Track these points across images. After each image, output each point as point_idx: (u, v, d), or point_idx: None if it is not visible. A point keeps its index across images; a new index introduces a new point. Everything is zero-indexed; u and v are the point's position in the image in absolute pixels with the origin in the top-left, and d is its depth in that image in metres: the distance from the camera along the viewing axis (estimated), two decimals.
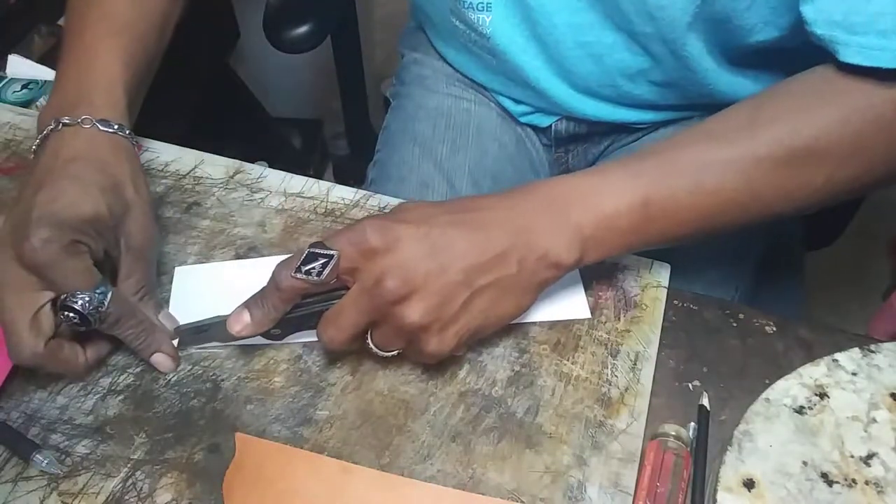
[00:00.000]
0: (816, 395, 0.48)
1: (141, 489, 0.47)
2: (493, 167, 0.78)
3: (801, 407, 0.47)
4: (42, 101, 1.12)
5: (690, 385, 0.53)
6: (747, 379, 0.52)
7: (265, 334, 0.51)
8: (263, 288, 0.49)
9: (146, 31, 0.60)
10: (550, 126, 0.79)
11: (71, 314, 0.48)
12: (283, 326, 0.50)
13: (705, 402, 0.50)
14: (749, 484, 0.45)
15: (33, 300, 0.48)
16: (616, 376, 0.52)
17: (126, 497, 0.47)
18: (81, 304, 0.47)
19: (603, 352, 0.53)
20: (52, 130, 0.53)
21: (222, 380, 0.52)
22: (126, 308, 0.50)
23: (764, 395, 0.48)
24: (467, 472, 0.48)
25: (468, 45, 0.74)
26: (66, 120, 0.53)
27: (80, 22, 0.58)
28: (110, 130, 0.54)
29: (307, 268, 0.46)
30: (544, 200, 0.50)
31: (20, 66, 1.16)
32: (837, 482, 0.45)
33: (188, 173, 0.65)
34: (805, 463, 0.45)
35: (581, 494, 0.47)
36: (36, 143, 0.54)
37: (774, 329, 0.55)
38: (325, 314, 0.49)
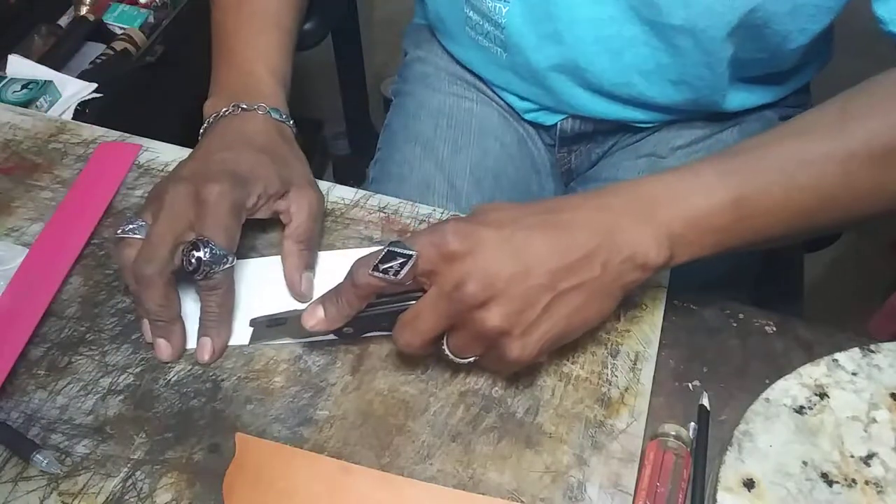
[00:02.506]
0: (816, 395, 0.48)
1: (141, 489, 0.47)
2: (494, 167, 0.78)
3: (801, 407, 0.47)
4: (42, 101, 1.12)
5: (690, 385, 0.53)
6: (747, 379, 0.52)
7: (337, 332, 0.51)
8: (339, 284, 0.49)
9: (291, 27, 0.67)
10: (556, 125, 0.78)
11: (196, 254, 0.50)
12: (356, 325, 0.50)
13: (705, 402, 0.50)
14: (749, 484, 0.45)
15: (183, 231, 0.51)
16: (616, 376, 0.52)
17: (126, 497, 0.47)
18: (208, 253, 0.50)
19: (603, 352, 0.53)
20: (230, 112, 0.59)
21: (222, 380, 0.52)
22: (225, 288, 0.53)
23: (764, 395, 0.48)
24: (467, 472, 0.48)
25: (478, 38, 0.73)
26: (244, 105, 0.59)
27: (233, 18, 0.65)
28: (280, 119, 0.61)
29: (385, 266, 0.45)
30: (630, 200, 0.48)
31: (20, 66, 1.16)
32: (837, 482, 0.45)
33: None
34: (805, 463, 0.45)
35: (581, 494, 0.47)
36: (210, 119, 0.60)
37: (774, 329, 0.55)
38: (401, 317, 0.48)
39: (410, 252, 0.45)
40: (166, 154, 0.66)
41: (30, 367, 0.53)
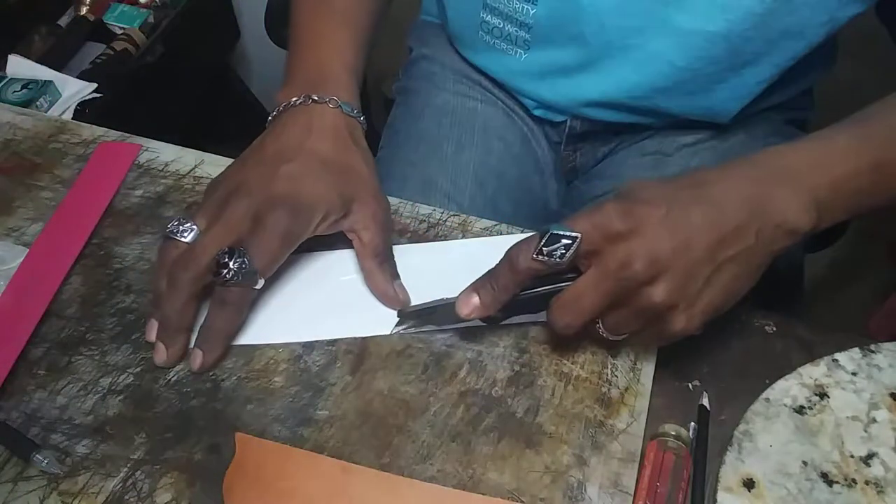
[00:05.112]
0: (816, 395, 0.48)
1: (141, 489, 0.47)
2: (497, 166, 0.78)
3: (801, 407, 0.48)
4: (42, 101, 1.12)
5: (690, 385, 0.53)
6: (747, 379, 0.52)
7: (485, 318, 0.51)
8: (492, 270, 0.49)
9: (368, 25, 0.68)
10: (565, 121, 0.78)
11: (226, 260, 0.49)
12: (505, 309, 0.50)
13: (705, 402, 0.50)
14: (749, 484, 0.45)
15: (229, 241, 0.51)
16: (616, 376, 0.52)
17: (126, 497, 0.47)
18: (238, 265, 0.50)
19: (603, 352, 0.53)
20: (301, 103, 0.58)
21: (222, 380, 0.52)
22: (235, 309, 0.52)
23: (764, 395, 0.48)
24: (467, 472, 0.48)
25: (494, 41, 0.73)
26: (315, 97, 0.58)
27: (311, 13, 0.66)
28: (351, 114, 0.59)
29: (549, 250, 0.46)
30: (774, 168, 0.49)
31: (20, 66, 1.16)
32: (837, 482, 0.45)
33: (188, 173, 0.65)
34: (805, 463, 0.45)
35: (581, 494, 0.47)
36: (280, 108, 0.59)
37: (774, 329, 0.55)
38: (558, 300, 0.48)
39: (575, 234, 0.45)
40: (166, 154, 0.66)
41: (30, 367, 0.53)
